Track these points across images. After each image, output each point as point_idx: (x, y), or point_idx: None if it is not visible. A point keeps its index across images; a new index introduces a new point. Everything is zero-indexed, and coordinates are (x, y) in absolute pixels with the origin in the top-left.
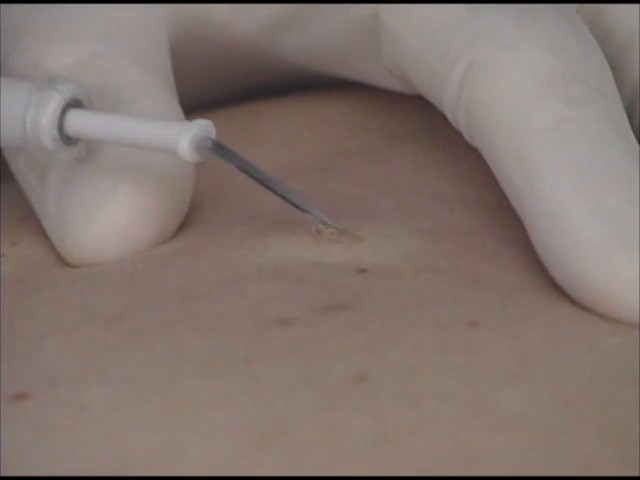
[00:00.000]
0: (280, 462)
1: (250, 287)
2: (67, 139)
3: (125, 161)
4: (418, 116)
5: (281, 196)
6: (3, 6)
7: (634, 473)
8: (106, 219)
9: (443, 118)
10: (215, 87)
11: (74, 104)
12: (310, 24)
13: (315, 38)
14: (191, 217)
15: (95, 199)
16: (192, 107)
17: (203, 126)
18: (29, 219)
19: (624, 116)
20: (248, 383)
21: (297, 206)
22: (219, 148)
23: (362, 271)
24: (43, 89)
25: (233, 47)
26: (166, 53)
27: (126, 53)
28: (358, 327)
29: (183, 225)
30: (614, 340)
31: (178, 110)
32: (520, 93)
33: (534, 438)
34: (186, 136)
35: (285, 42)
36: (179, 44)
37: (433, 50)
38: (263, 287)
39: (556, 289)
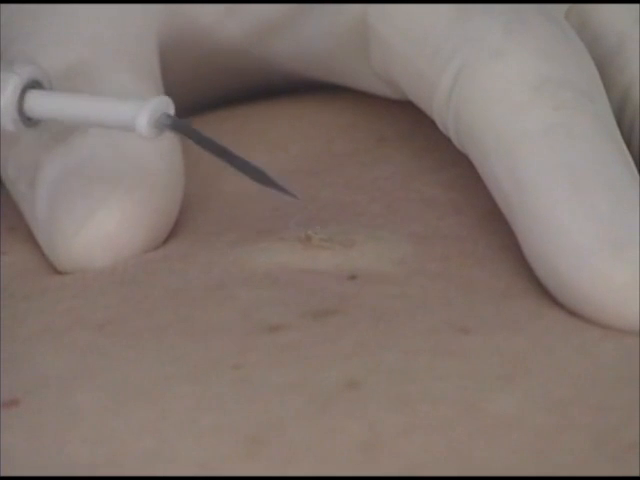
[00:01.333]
0: (270, 466)
1: (240, 292)
2: (27, 120)
3: (115, 168)
4: (408, 119)
5: (243, 171)
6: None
7: (623, 474)
8: (96, 226)
9: (432, 121)
10: (204, 91)
11: (33, 85)
12: (298, 29)
13: (304, 43)
14: (181, 223)
15: (85, 206)
16: (182, 111)
17: (161, 102)
18: (18, 229)
19: (613, 121)
20: (238, 388)
21: (258, 181)
22: (177, 124)
23: (352, 276)
24: (1, 71)
25: (222, 51)
26: (155, 58)
27: (115, 59)
28: (349, 332)
29: (173, 231)
30: (604, 345)
31: None
32: (509, 98)
33: (525, 442)
34: (144, 112)
35: (273, 47)
36: (168, 49)
37: (422, 55)
38: (253, 292)
39: (546, 294)
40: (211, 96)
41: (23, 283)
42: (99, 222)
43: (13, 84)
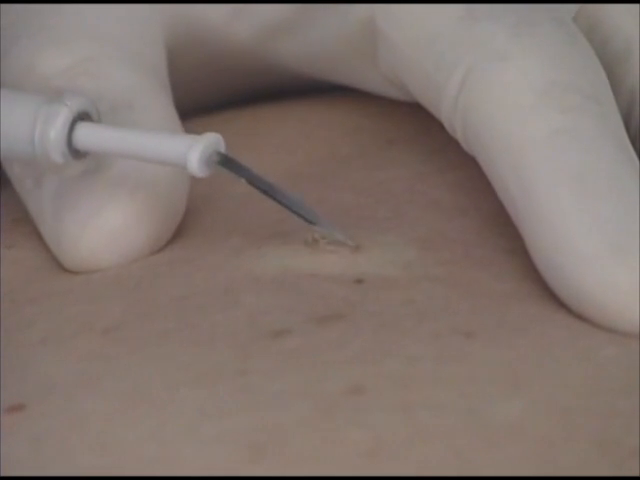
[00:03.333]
0: (274, 473)
1: (246, 297)
2: (76, 153)
3: (122, 167)
4: (414, 121)
5: (292, 210)
6: (2, 8)
7: None
8: (102, 224)
9: (439, 123)
10: (211, 92)
11: (82, 117)
12: (306, 30)
13: (311, 44)
14: (187, 226)
15: (91, 204)
16: (188, 112)
17: (212, 140)
18: (24, 221)
19: (621, 124)
20: (243, 394)
21: (308, 220)
22: (228, 162)
23: (358, 281)
24: (51, 103)
25: (229, 52)
26: (162, 57)
27: (121, 56)
28: (353, 338)
29: (179, 234)
30: (610, 350)
31: (174, 114)
32: (516, 102)
33: (529, 449)
34: (195, 150)
35: (281, 47)
36: (175, 49)
37: (430, 58)
38: (259, 297)
39: (552, 298)
40: (218, 97)
41: (28, 285)
42: (105, 221)
43: (63, 116)
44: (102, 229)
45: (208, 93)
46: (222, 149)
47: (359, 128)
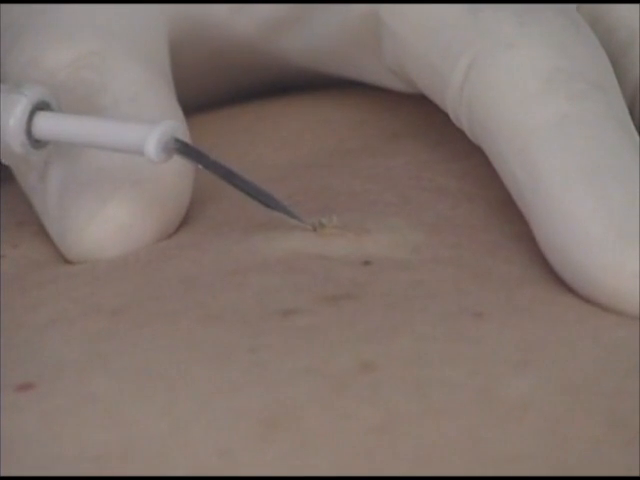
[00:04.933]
0: (285, 450)
1: (254, 278)
2: (36, 142)
3: (125, 159)
4: (419, 115)
5: (250, 195)
6: (3, 8)
7: (636, 462)
8: (107, 217)
9: (444, 117)
10: (216, 87)
11: (42, 107)
12: (310, 24)
13: (315, 38)
14: (193, 213)
15: (96, 198)
16: (193, 107)
17: (170, 127)
18: (28, 223)
19: (626, 111)
20: (253, 372)
21: (266, 205)
22: (186, 149)
23: (366, 263)
24: (10, 93)
25: (233, 47)
26: (165, 51)
27: (125, 50)
28: (363, 317)
29: (186, 221)
30: (618, 332)
31: (177, 108)
32: (522, 90)
33: (539, 426)
34: (152, 137)
35: (285, 42)
36: (179, 44)
37: (434, 49)
38: (267, 278)
39: (559, 282)
40: (222, 92)
41: (35, 273)
42: (110, 213)
43: (22, 106)
44: (107, 222)
45: (212, 88)
46: (180, 136)
47: (364, 122)
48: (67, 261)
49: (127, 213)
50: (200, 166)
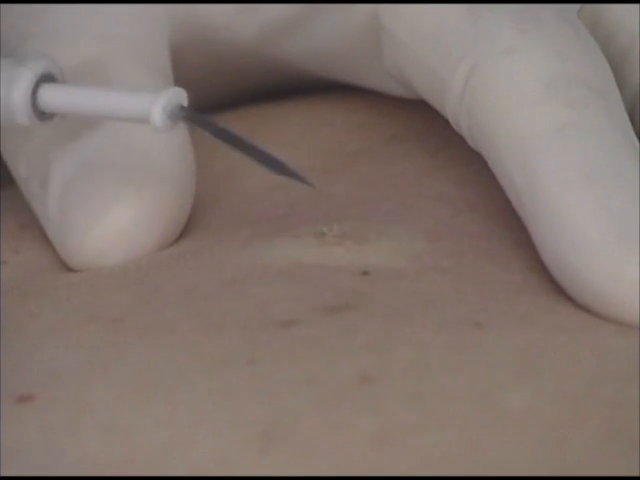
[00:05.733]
0: (283, 461)
1: (254, 288)
2: (41, 114)
3: (126, 165)
4: (420, 118)
5: (261, 162)
6: (4, 9)
7: (636, 470)
8: (108, 224)
9: (444, 120)
10: (216, 90)
11: (46, 79)
12: (311, 28)
13: (316, 42)
14: (194, 220)
15: (97, 204)
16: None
17: (175, 94)
18: (30, 226)
19: (626, 117)
20: (252, 382)
21: (275, 170)
22: (191, 115)
23: (366, 272)
24: (14, 66)
25: (234, 51)
26: (166, 56)
27: (126, 55)
28: (362, 327)
29: (186, 228)
30: (617, 341)
31: None
32: (522, 96)
33: (539, 437)
34: (158, 104)
35: (286, 46)
36: (180, 48)
37: (434, 54)
38: (267, 288)
39: (559, 290)
40: (223, 96)
41: (35, 281)
42: (111, 220)
43: (26, 78)
44: (109, 228)
45: (213, 92)
46: (185, 103)
47: (364, 125)
48: (68, 268)
49: (129, 220)
50: (207, 132)
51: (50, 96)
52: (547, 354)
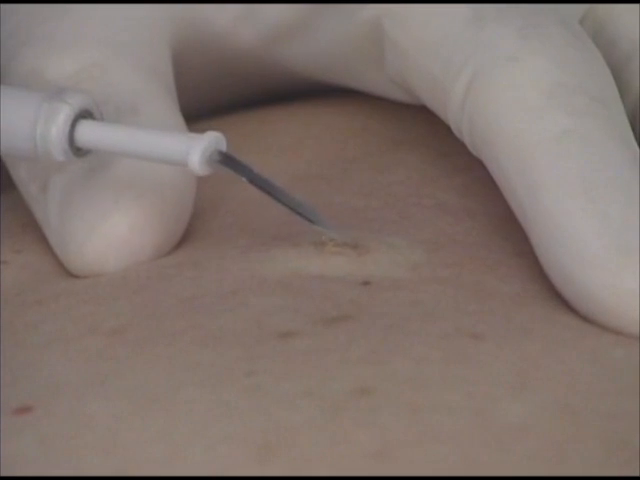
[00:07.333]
0: (282, 474)
1: (253, 299)
2: (77, 150)
3: (127, 172)
4: (421, 123)
5: (293, 210)
6: (3, 13)
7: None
8: (108, 230)
9: (446, 125)
10: (218, 94)
11: (83, 115)
12: (312, 33)
13: (317, 47)
14: (193, 229)
15: (97, 210)
16: (195, 115)
17: (214, 138)
18: (32, 226)
19: (627, 126)
20: (250, 395)
21: (309, 220)
22: (230, 161)
23: (365, 283)
24: (52, 100)
25: (235, 55)
26: (167, 61)
27: (127, 61)
28: (361, 339)
29: (185, 237)
30: (617, 352)
31: (179, 118)
32: (523, 104)
33: (537, 449)
34: (197, 149)
35: (287, 51)
36: (181, 52)
37: (436, 61)
38: (266, 299)
39: (559, 300)
40: (225, 100)
41: (36, 288)
42: (111, 226)
43: (65, 114)
44: (108, 234)
45: (214, 96)
46: (224, 148)
47: (366, 130)
48: (69, 272)
49: (128, 226)
50: (243, 179)
51: (88, 133)
52: (545, 367)
